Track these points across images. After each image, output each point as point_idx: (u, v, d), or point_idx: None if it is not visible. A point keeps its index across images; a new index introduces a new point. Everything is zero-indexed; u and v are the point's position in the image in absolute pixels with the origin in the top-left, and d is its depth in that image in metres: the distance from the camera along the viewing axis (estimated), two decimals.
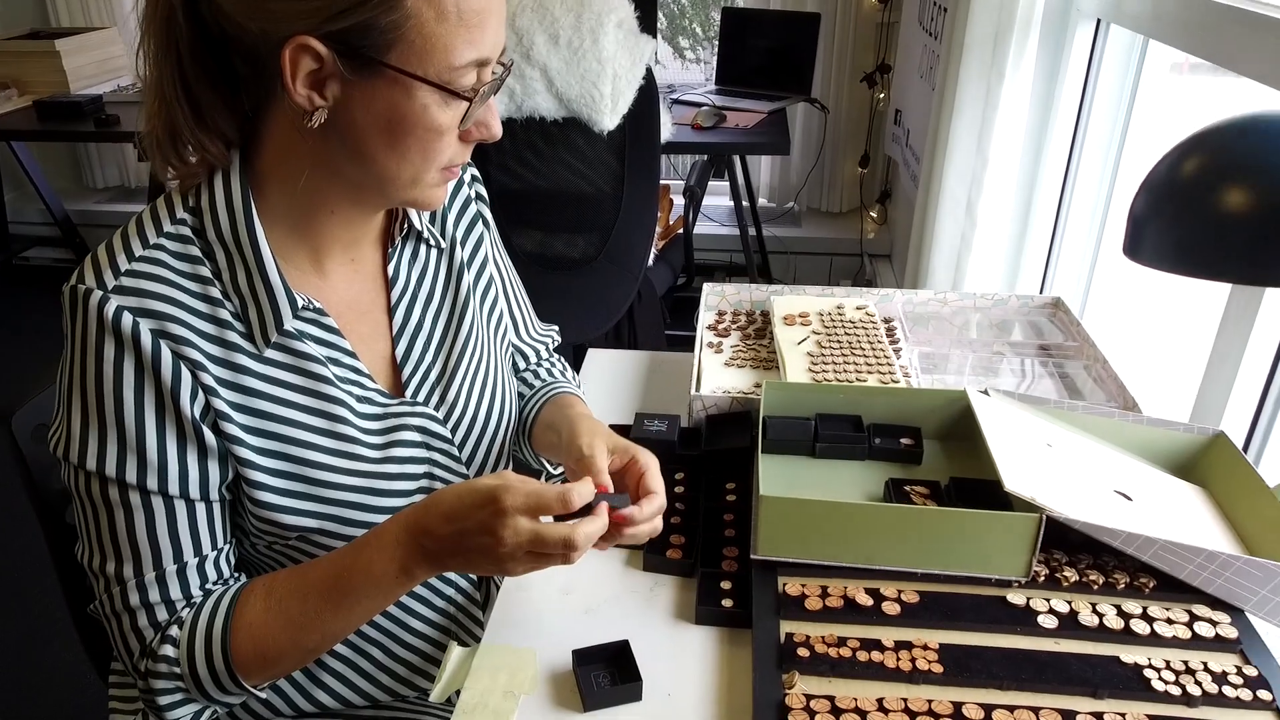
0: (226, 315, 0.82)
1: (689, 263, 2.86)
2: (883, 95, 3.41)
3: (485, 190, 1.07)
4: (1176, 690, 0.78)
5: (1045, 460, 0.95)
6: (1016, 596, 0.87)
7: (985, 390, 1.06)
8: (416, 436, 0.92)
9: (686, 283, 3.01)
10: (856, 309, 1.36)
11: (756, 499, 0.89)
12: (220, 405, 0.81)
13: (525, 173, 2.11)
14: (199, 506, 0.83)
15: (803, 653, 0.81)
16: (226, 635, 0.81)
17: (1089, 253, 1.96)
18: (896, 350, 1.26)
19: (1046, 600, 0.87)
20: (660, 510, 0.86)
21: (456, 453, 0.96)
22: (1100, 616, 0.85)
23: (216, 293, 0.82)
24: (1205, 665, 0.80)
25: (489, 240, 1.06)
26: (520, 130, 2.03)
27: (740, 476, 1.08)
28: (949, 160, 1.99)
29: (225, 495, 0.85)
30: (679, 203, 2.88)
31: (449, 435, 0.95)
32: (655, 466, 0.88)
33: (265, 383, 0.84)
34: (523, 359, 1.14)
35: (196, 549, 0.83)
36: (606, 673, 0.83)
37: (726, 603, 0.90)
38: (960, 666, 0.80)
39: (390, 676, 0.98)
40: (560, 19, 1.90)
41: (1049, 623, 0.84)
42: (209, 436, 0.81)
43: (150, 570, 0.81)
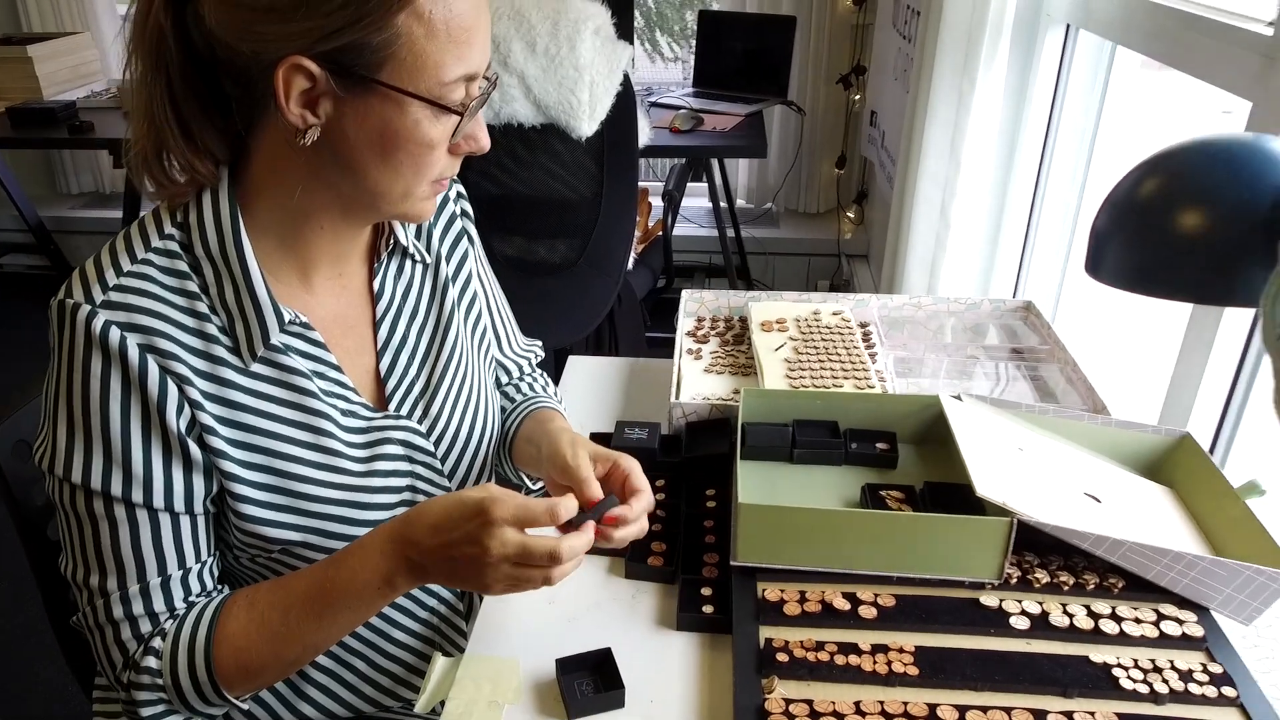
0: (213, 330, 0.83)
1: (668, 265, 2.87)
2: (858, 97, 3.44)
3: (467, 198, 1.08)
4: (1144, 689, 0.80)
5: (1016, 464, 0.97)
6: (989, 599, 0.89)
7: (958, 395, 1.08)
8: (400, 450, 0.93)
9: (666, 285, 3.02)
10: (833, 314, 1.38)
11: (736, 506, 0.91)
12: (206, 419, 0.82)
13: (505, 178, 2.12)
14: (183, 520, 0.83)
15: (782, 657, 0.83)
16: (209, 647, 0.82)
17: (1061, 256, 1.99)
18: (872, 355, 1.28)
19: (1019, 602, 0.89)
20: (649, 507, 0.87)
21: (439, 466, 0.97)
22: (1071, 617, 0.87)
23: (203, 307, 0.83)
24: (1172, 663, 0.83)
25: (473, 256, 1.07)
26: (500, 136, 2.04)
27: (720, 483, 1.10)
28: (923, 164, 2.01)
29: (209, 509, 0.85)
30: (658, 205, 2.89)
31: (432, 449, 0.96)
32: (638, 468, 0.89)
33: (251, 396, 0.85)
34: (505, 374, 1.15)
35: (180, 562, 0.84)
36: (590, 681, 0.84)
37: (707, 609, 0.91)
38: (935, 669, 0.82)
39: (373, 687, 0.99)
40: (537, 26, 1.91)
41: (1021, 624, 0.86)
42: (194, 450, 0.82)
43: (134, 583, 0.82)
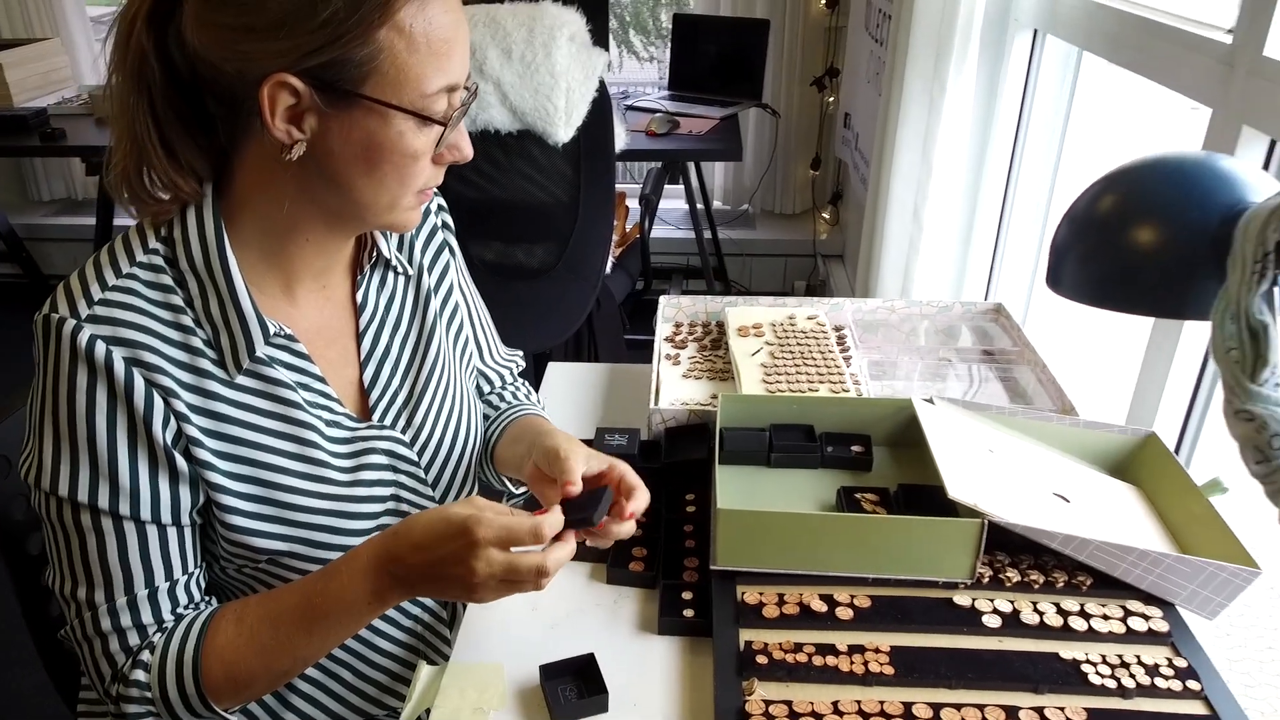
0: (198, 343, 0.84)
1: (646, 268, 2.89)
2: (832, 99, 3.47)
3: (448, 210, 1.09)
4: (1112, 684, 0.82)
5: (987, 466, 0.99)
6: (962, 598, 0.91)
7: (930, 398, 1.11)
8: (384, 460, 0.94)
9: (645, 288, 3.04)
10: (808, 319, 1.40)
11: (715, 511, 0.93)
12: (192, 431, 0.83)
13: (483, 183, 2.13)
14: (170, 531, 0.84)
15: (761, 660, 0.85)
16: (198, 659, 0.82)
17: (1030, 258, 2.03)
18: (847, 358, 1.30)
19: (990, 601, 0.91)
20: (646, 502, 0.89)
21: (423, 475, 0.98)
22: (1041, 615, 0.89)
23: (188, 321, 0.84)
24: (1139, 658, 0.85)
25: (455, 267, 1.08)
26: (477, 142, 2.02)
27: (700, 487, 1.11)
28: (896, 167, 2.04)
29: (196, 520, 0.86)
30: (635, 209, 2.90)
31: (415, 458, 0.97)
32: (631, 470, 0.91)
33: (236, 408, 0.86)
34: (487, 383, 1.17)
35: (168, 573, 0.84)
36: (573, 686, 0.86)
37: (688, 613, 0.93)
38: (910, 668, 0.84)
39: (359, 696, 1.00)
40: (512, 33, 1.92)
41: (993, 622, 0.89)
42: (180, 462, 0.83)
43: (122, 595, 0.83)
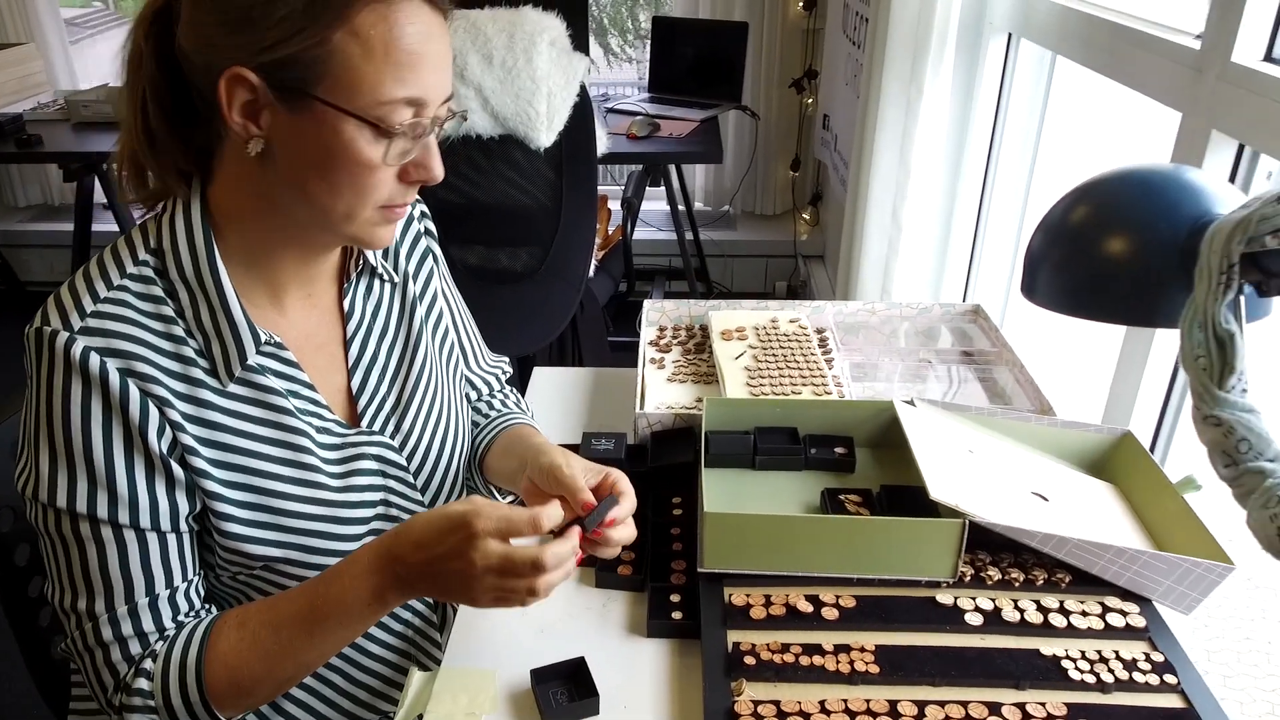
0: (190, 352, 0.85)
1: (629, 269, 2.91)
2: (810, 100, 3.49)
3: (430, 217, 1.10)
4: (1091, 679, 0.84)
5: (968, 466, 1.01)
6: (945, 596, 0.93)
7: (911, 400, 1.13)
8: (374, 465, 0.95)
9: (628, 290, 3.05)
10: (790, 322, 1.42)
11: (702, 515, 0.94)
12: (187, 440, 0.84)
13: (466, 187, 2.13)
14: (170, 538, 0.85)
15: (749, 660, 0.86)
16: (200, 666, 0.83)
17: (1007, 259, 2.05)
18: (829, 361, 1.32)
19: (973, 599, 0.93)
20: (633, 509, 0.90)
21: (412, 480, 0.99)
22: (1022, 612, 0.91)
23: (180, 331, 0.85)
24: (1117, 653, 0.87)
25: (438, 274, 1.09)
26: (459, 146, 2.05)
27: (686, 490, 1.13)
28: (874, 170, 2.06)
29: (193, 526, 0.87)
30: (617, 211, 2.92)
31: (404, 463, 0.98)
32: (625, 479, 0.92)
33: (229, 416, 0.87)
34: (474, 390, 1.18)
35: (168, 580, 0.85)
36: (564, 689, 0.87)
37: (676, 615, 0.94)
38: (895, 666, 0.86)
39: (352, 701, 1.00)
40: (493, 39, 1.92)
41: (975, 620, 0.90)
42: (176, 469, 0.84)
43: (122, 604, 0.83)
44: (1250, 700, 0.88)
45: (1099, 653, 0.87)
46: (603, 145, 2.23)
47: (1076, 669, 0.85)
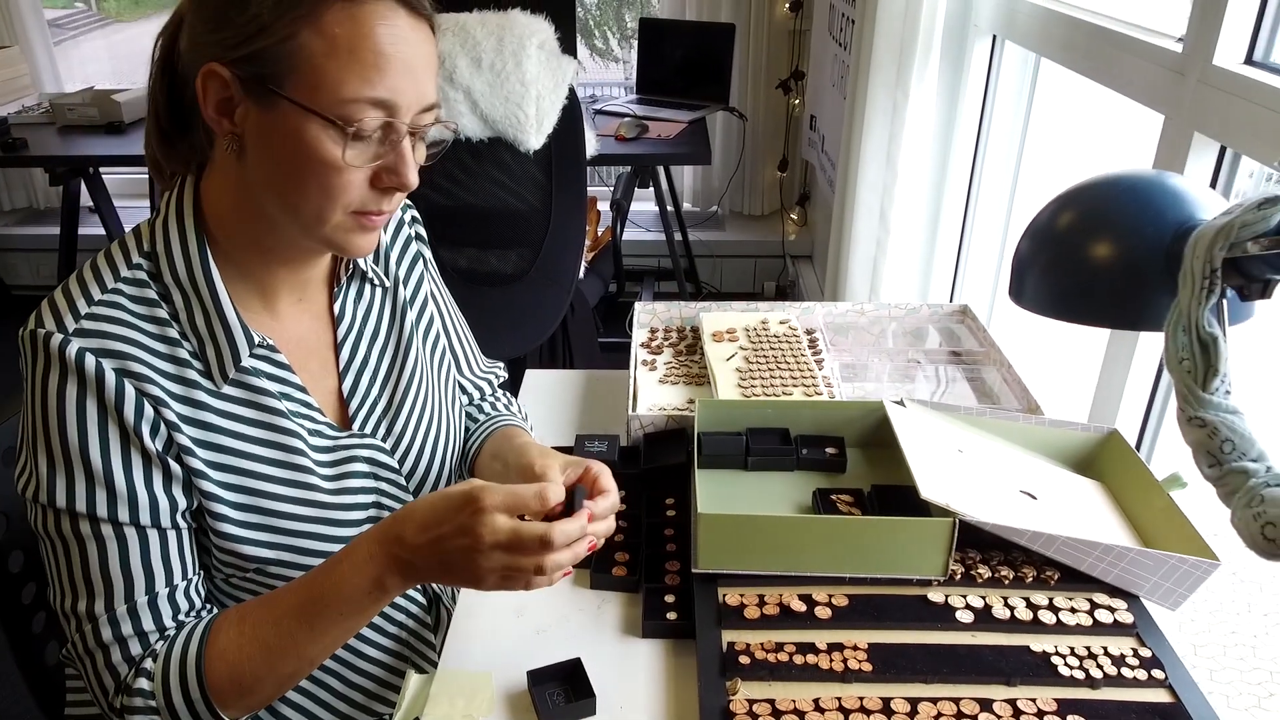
0: (185, 355, 0.86)
1: (618, 270, 2.91)
2: (797, 101, 3.51)
3: (421, 222, 1.10)
4: (1080, 674, 0.86)
5: (957, 466, 1.02)
6: (936, 595, 0.94)
7: (901, 400, 1.14)
8: (365, 468, 0.96)
9: (618, 290, 3.06)
10: (780, 323, 1.43)
11: (695, 516, 0.95)
12: (183, 440, 0.84)
13: (455, 190, 2.14)
14: (169, 535, 0.85)
15: (744, 660, 0.87)
16: (201, 663, 0.83)
17: (994, 259, 2.07)
18: (819, 361, 1.33)
19: (963, 597, 0.94)
20: (614, 506, 0.89)
21: (403, 482, 1.00)
22: (1011, 609, 0.92)
23: (174, 333, 0.85)
24: (1105, 649, 0.88)
25: (429, 278, 1.10)
26: (448, 148, 2.05)
27: (679, 492, 1.14)
28: (862, 172, 2.08)
29: (191, 523, 0.87)
30: (606, 213, 2.92)
31: (396, 466, 0.99)
32: (608, 472, 0.91)
33: (224, 418, 0.87)
34: (466, 396, 1.18)
35: (168, 578, 0.85)
36: (561, 691, 0.87)
37: (671, 616, 0.95)
38: (887, 664, 0.87)
39: (347, 704, 1.01)
40: (482, 42, 1.93)
41: (966, 617, 0.92)
42: (173, 465, 0.84)
43: (122, 603, 0.83)
44: (1236, 694, 0.89)
45: (1087, 649, 0.88)
46: (591, 147, 2.24)
47: (1065, 665, 0.86)
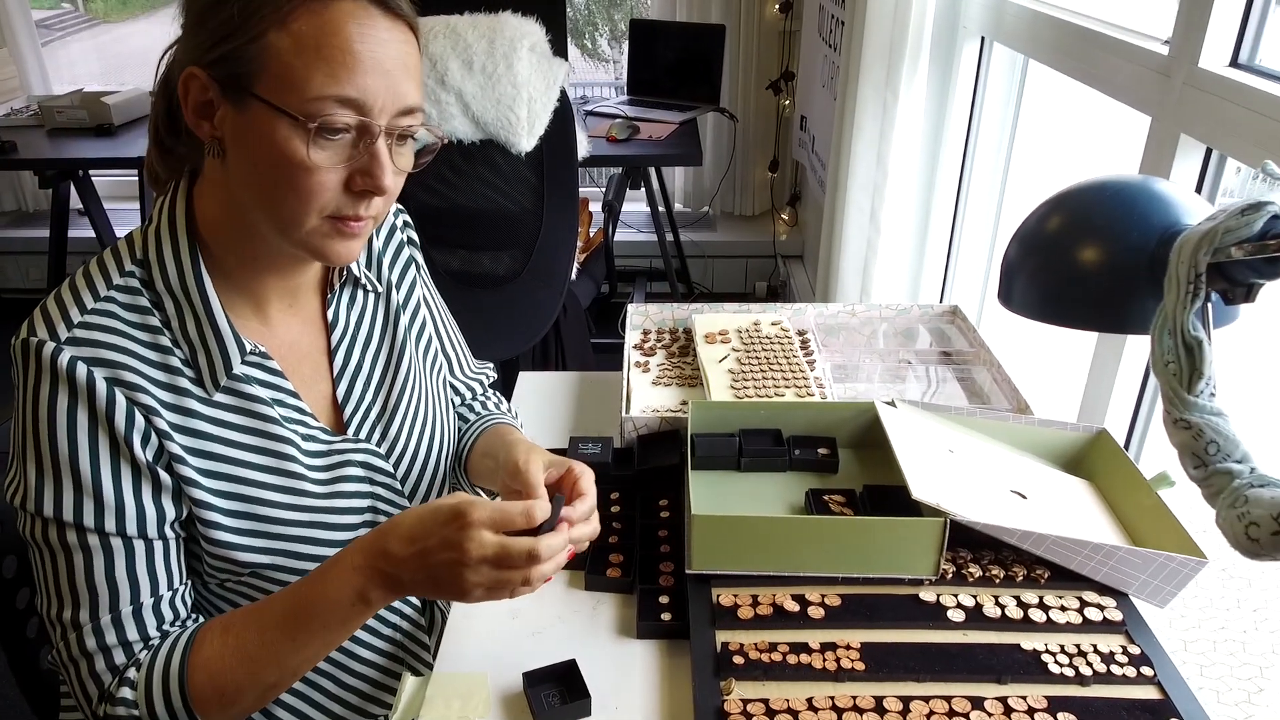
0: (177, 362, 0.86)
1: (610, 271, 2.92)
2: (788, 102, 3.52)
3: (413, 226, 1.11)
4: (1070, 672, 0.87)
5: (948, 466, 1.03)
6: (928, 594, 0.95)
7: (892, 401, 1.15)
8: (360, 472, 0.96)
9: (611, 292, 3.06)
10: (772, 324, 1.44)
11: (689, 517, 0.95)
12: (174, 449, 0.84)
13: (447, 191, 2.14)
14: (156, 545, 0.85)
15: (738, 660, 0.88)
16: (184, 673, 0.83)
17: (984, 260, 2.08)
18: (810, 362, 1.34)
19: (955, 595, 0.95)
20: (591, 509, 0.88)
21: (398, 486, 1.00)
22: (1002, 608, 0.93)
23: (166, 341, 0.86)
24: (1095, 647, 0.89)
25: (421, 282, 1.10)
26: (440, 150, 2.05)
27: (673, 493, 1.14)
28: (852, 171, 2.09)
29: (179, 533, 0.87)
30: (598, 214, 2.93)
31: (391, 470, 0.99)
32: (589, 475, 0.91)
33: (215, 425, 0.87)
34: (458, 397, 1.19)
35: (153, 588, 0.85)
36: (556, 692, 0.88)
37: (665, 616, 0.96)
38: (880, 663, 0.88)
39: (341, 705, 1.01)
40: (473, 45, 1.93)
41: (957, 616, 0.93)
42: (163, 475, 0.84)
43: (106, 613, 0.83)
44: (1226, 689, 0.91)
45: (1078, 646, 0.89)
46: (583, 148, 2.25)
47: (1056, 663, 0.87)
